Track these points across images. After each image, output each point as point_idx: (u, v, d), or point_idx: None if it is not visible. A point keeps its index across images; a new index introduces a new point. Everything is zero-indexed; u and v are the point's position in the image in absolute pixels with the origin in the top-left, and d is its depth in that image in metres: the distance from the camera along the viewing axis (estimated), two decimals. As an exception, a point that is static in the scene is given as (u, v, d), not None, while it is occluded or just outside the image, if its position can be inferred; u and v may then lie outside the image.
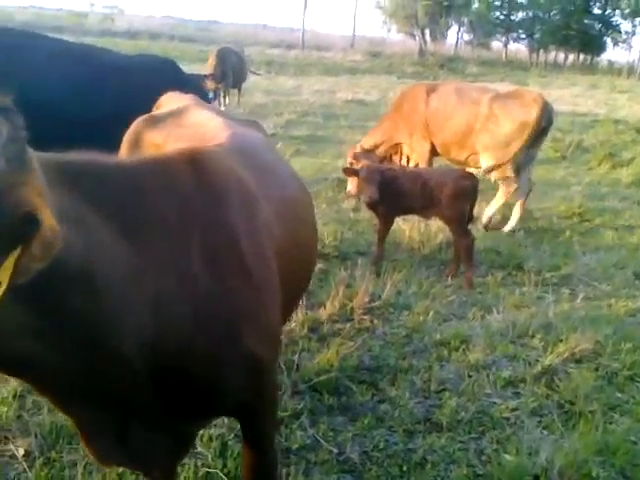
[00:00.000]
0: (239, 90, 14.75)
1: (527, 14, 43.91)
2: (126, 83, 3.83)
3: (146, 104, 3.13)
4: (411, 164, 7.08)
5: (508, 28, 43.19)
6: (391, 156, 7.32)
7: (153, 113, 2.67)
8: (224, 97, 13.93)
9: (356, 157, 7.04)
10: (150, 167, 1.67)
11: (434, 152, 6.98)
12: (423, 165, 6.87)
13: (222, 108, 13.63)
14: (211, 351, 1.63)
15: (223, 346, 1.66)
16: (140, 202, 1.50)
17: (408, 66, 31.46)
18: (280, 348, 2.09)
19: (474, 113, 6.52)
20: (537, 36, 42.63)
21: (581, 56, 44.91)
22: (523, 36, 44.22)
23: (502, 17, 44.26)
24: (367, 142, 7.30)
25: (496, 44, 46.44)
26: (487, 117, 6.43)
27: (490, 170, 6.42)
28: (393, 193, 5.05)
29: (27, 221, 1.09)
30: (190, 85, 4.23)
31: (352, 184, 7.01)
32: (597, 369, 3.78)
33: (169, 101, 3.13)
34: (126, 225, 1.41)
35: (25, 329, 1.22)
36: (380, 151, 7.25)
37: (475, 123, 6.50)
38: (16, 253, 1.09)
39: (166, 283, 1.51)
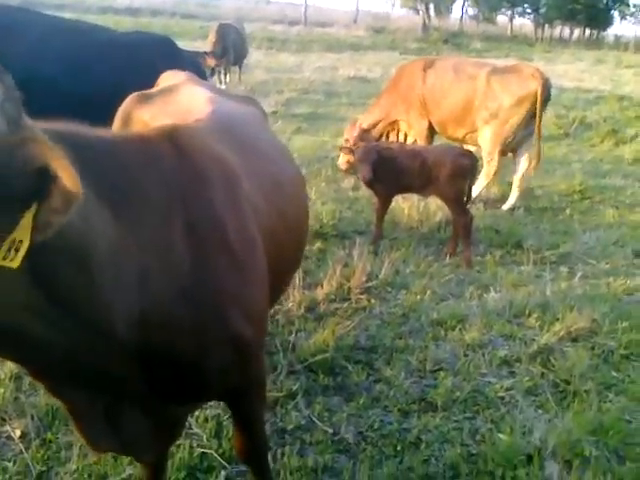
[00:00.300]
0: (240, 67, 14.62)
1: (533, -12, 43.20)
2: (122, 60, 3.79)
3: (142, 81, 3.09)
4: (409, 141, 7.03)
5: (513, 2, 42.54)
6: (388, 133, 7.26)
7: (145, 91, 2.63)
8: (225, 74, 13.81)
9: (354, 138, 7.00)
10: (131, 143, 1.66)
11: (432, 130, 6.94)
12: (422, 143, 6.83)
13: (223, 85, 13.55)
14: (196, 330, 1.63)
15: (207, 325, 1.66)
16: (123, 177, 1.49)
17: (411, 42, 31.09)
18: (266, 329, 2.06)
19: (472, 88, 6.47)
20: (543, 10, 42.01)
21: (587, 31, 44.31)
22: (529, 11, 43.59)
23: (508, -9, 43.60)
24: (365, 120, 7.23)
25: (501, 19, 45.84)
26: (485, 92, 6.39)
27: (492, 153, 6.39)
28: (391, 171, 5.03)
29: (41, 176, 1.08)
30: (187, 62, 4.20)
31: (342, 159, 7.04)
32: (593, 348, 3.79)
33: (166, 79, 3.09)
34: (112, 199, 1.39)
35: (18, 302, 1.21)
36: (378, 128, 7.19)
37: (473, 99, 6.45)
38: (33, 209, 1.09)
39: (150, 260, 1.50)
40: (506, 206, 6.47)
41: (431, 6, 37.85)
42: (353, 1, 54.35)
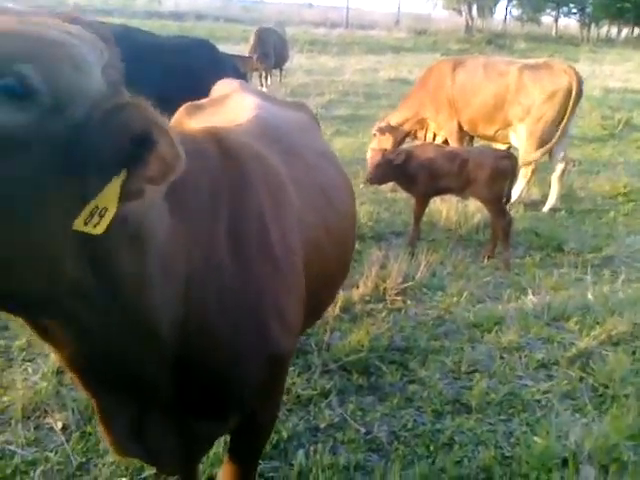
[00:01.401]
0: (281, 70, 14.74)
1: (579, -12, 42.36)
2: (163, 64, 3.88)
3: (182, 84, 3.17)
4: (438, 140, 7.03)
5: (559, 2, 41.77)
6: (416, 132, 7.24)
7: (196, 102, 2.67)
8: (266, 78, 13.94)
9: (381, 131, 7.06)
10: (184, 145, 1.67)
11: (461, 129, 6.91)
12: (454, 143, 6.81)
13: (264, 88, 13.67)
14: (232, 338, 1.59)
15: (244, 333, 1.61)
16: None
17: (454, 43, 30.86)
18: (295, 348, 2.01)
19: (504, 84, 6.43)
20: (589, 10, 41.15)
21: (636, 30, 43.19)
22: (574, 10, 42.74)
23: (553, -9, 42.86)
24: (394, 118, 7.22)
25: (546, 19, 45.04)
26: (517, 87, 6.35)
27: (530, 160, 6.32)
28: (428, 173, 5.01)
29: (137, 142, 1.06)
30: (227, 66, 4.27)
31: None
32: (634, 352, 3.70)
33: (219, 88, 3.12)
34: (167, 193, 1.34)
35: (69, 280, 1.18)
36: (406, 127, 7.18)
37: (505, 94, 6.41)
38: (122, 176, 1.07)
39: (197, 259, 1.48)
40: (546, 208, 6.37)
41: (474, 7, 37.41)
42: (395, 3, 54.13)
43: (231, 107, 2.55)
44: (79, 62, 1.06)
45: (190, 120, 2.45)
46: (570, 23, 45.51)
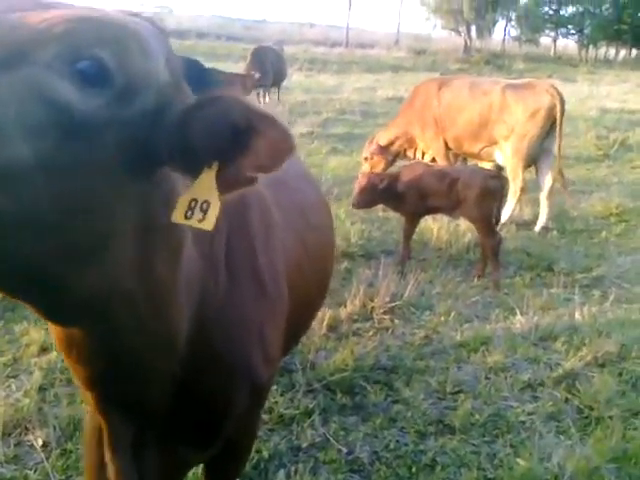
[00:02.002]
0: (279, 88, 14.84)
1: (577, 9, 42.83)
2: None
3: None
4: (426, 159, 7.10)
5: (557, 23, 42.27)
6: (405, 151, 7.32)
7: None
8: (264, 95, 14.04)
9: (372, 154, 7.17)
10: None
11: (447, 147, 7.02)
12: (441, 161, 6.93)
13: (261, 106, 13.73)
14: (219, 364, 1.57)
15: (229, 356, 1.59)
16: None
17: (453, 63, 31.11)
18: (274, 376, 1.95)
19: (487, 103, 6.55)
20: (587, 31, 41.57)
21: (634, 51, 43.57)
22: (573, 31, 43.20)
23: (551, 12, 43.33)
24: (382, 137, 7.32)
25: (545, 40, 45.46)
26: (500, 106, 6.46)
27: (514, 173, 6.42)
28: (417, 192, 5.03)
29: (238, 133, 1.04)
30: (215, 85, 4.28)
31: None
32: (621, 374, 3.69)
33: None
34: None
35: (118, 285, 1.16)
36: (396, 146, 7.26)
37: (489, 113, 6.52)
38: (214, 167, 1.06)
39: (206, 274, 1.47)
40: (537, 227, 6.39)
41: (473, 28, 37.76)
42: (395, 23, 54.64)
43: None
44: (147, 48, 1.06)
45: None
46: (569, 44, 45.93)
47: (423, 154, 7.19)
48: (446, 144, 6.96)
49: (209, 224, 1.09)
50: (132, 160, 1.03)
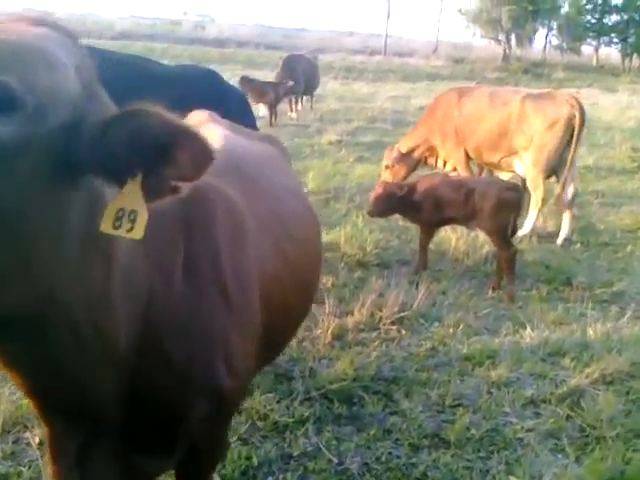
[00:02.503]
0: (311, 96, 14.92)
1: (621, 17, 41.91)
2: (163, 93, 3.95)
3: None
4: (448, 168, 7.11)
5: (600, 32, 41.42)
6: (426, 159, 7.33)
7: None
8: (295, 103, 14.12)
9: (392, 161, 7.17)
10: None
11: (468, 156, 7.01)
12: (463, 171, 6.92)
13: (293, 114, 13.85)
14: (177, 369, 1.57)
15: (188, 365, 1.58)
16: None
17: (491, 72, 30.78)
18: (246, 389, 1.99)
19: (507, 112, 6.54)
20: (631, 40, 40.64)
21: (680, 61, 42.41)
22: (615, 40, 42.29)
23: (594, 21, 42.53)
24: (403, 145, 7.32)
25: (587, 49, 44.62)
26: (519, 116, 6.44)
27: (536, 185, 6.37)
28: (434, 202, 5.00)
29: (158, 145, 1.06)
30: (230, 97, 4.33)
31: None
32: (628, 392, 3.59)
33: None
34: None
35: (51, 297, 1.17)
36: (417, 154, 7.27)
37: (509, 123, 6.50)
38: (139, 178, 1.08)
39: (157, 287, 1.48)
40: (560, 240, 6.26)
41: (512, 36, 37.31)
42: (434, 31, 54.37)
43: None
44: (55, 63, 1.06)
45: None
46: (611, 53, 44.97)
47: (444, 163, 7.19)
48: (467, 154, 6.93)
49: (138, 233, 1.11)
50: (53, 172, 1.06)
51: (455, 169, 6.96)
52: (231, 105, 4.05)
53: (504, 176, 6.70)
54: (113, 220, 1.10)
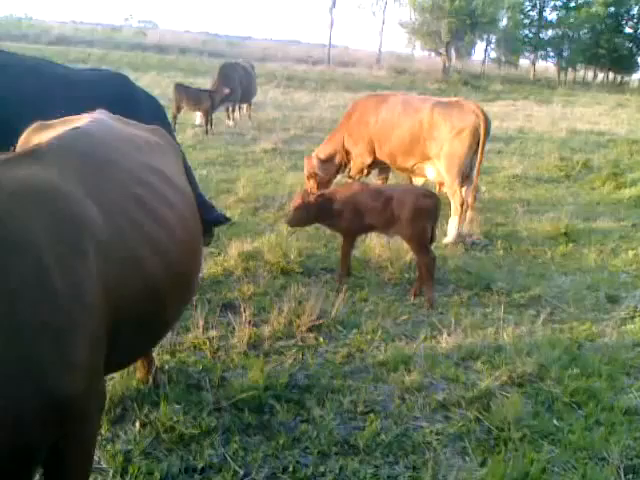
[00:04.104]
0: (249, 105, 14.86)
1: (556, 32, 43.48)
2: (70, 95, 3.86)
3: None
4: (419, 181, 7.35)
5: (536, 46, 42.85)
6: (346, 164, 7.46)
7: (47, 121, 2.64)
8: (232, 111, 14.04)
9: (314, 170, 7.35)
10: None
11: (376, 165, 7.29)
12: (355, 175, 7.23)
13: (231, 122, 13.77)
14: (9, 367, 1.51)
15: (18, 367, 1.52)
16: None
17: (431, 83, 31.41)
18: (97, 389, 1.86)
19: (418, 120, 6.72)
20: (566, 54, 42.21)
21: (611, 75, 44.27)
22: (552, 54, 43.85)
23: (531, 35, 43.96)
24: (322, 151, 7.50)
25: (524, 62, 46.12)
26: (429, 123, 6.63)
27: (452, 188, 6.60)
28: (354, 210, 5.02)
29: None
30: (138, 99, 4.25)
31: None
32: (537, 394, 3.66)
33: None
34: None
35: None
36: (337, 160, 7.42)
37: (420, 131, 6.70)
38: None
39: None
40: (447, 240, 6.51)
41: (452, 49, 38.16)
42: (377, 43, 55.11)
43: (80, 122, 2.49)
44: None
45: (35, 137, 2.43)
46: (548, 66, 46.56)
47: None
48: (377, 162, 7.19)
49: None
50: None
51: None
52: (139, 107, 3.98)
53: (418, 181, 7.06)
54: None
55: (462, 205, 6.50)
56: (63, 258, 1.69)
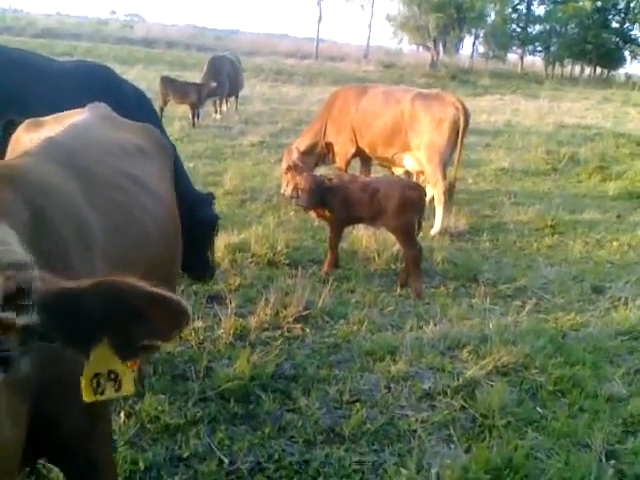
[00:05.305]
0: (236, 98, 14.82)
1: (544, 27, 43.63)
2: (54, 87, 3.82)
3: (73, 108, 3.10)
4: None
5: (524, 41, 42.97)
6: (325, 155, 7.47)
7: (38, 118, 2.62)
8: (220, 105, 13.99)
9: (294, 162, 7.33)
10: None
11: (358, 154, 7.32)
12: (341, 165, 7.22)
13: (218, 115, 13.72)
14: None
15: None
16: None
17: (419, 77, 31.38)
18: None
19: (399, 110, 6.78)
20: (553, 49, 42.38)
21: (598, 70, 44.50)
22: (539, 49, 43.99)
23: (519, 30, 44.09)
24: (301, 143, 7.53)
25: (512, 57, 46.24)
26: (410, 114, 6.69)
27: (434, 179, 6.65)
28: (342, 202, 5.02)
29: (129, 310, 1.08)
30: (123, 92, 4.20)
31: (288, 187, 7.27)
32: (522, 383, 3.69)
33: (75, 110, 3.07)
34: None
35: None
36: (317, 151, 7.46)
37: (401, 121, 6.74)
38: (105, 342, 1.08)
39: None
40: (434, 231, 6.53)
41: (440, 43, 38.19)
42: (365, 37, 55.04)
43: (64, 127, 2.45)
44: None
45: (27, 135, 2.40)
46: (536, 61, 46.72)
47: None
48: (360, 152, 7.21)
49: (128, 389, 1.12)
50: None
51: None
52: (124, 99, 3.94)
53: (397, 171, 7.15)
54: (92, 386, 1.10)
55: (445, 194, 6.53)
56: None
